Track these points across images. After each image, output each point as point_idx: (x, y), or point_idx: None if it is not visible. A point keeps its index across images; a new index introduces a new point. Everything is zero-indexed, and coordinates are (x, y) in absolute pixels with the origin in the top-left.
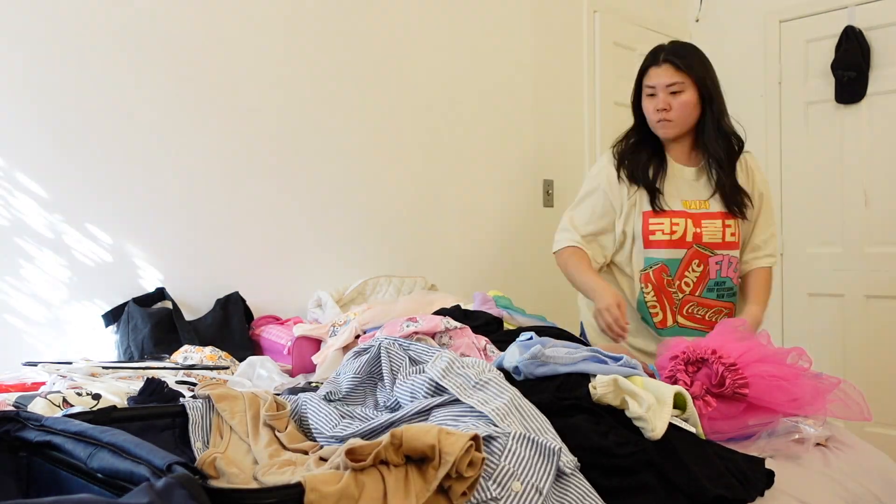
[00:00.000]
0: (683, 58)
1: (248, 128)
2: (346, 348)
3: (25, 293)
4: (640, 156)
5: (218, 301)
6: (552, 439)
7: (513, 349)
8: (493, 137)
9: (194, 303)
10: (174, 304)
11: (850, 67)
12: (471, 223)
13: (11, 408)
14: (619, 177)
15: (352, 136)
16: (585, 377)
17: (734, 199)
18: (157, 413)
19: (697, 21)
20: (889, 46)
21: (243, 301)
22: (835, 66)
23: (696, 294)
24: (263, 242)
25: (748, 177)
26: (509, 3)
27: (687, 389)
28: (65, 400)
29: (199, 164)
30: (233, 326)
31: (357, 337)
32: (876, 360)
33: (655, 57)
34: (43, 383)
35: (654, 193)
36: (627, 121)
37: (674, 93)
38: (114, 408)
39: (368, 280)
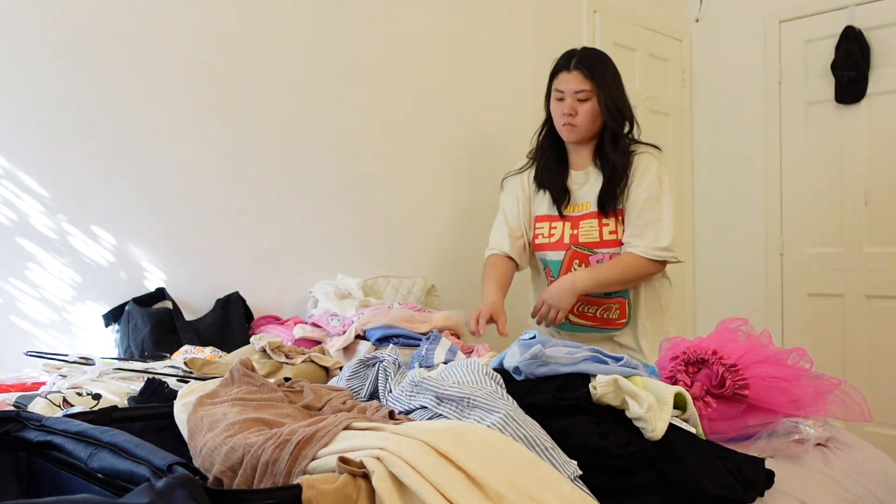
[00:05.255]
0: (593, 67)
1: (249, 128)
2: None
3: (29, 294)
4: (547, 159)
5: (218, 301)
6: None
7: (514, 349)
8: (493, 137)
9: (194, 303)
10: (174, 303)
11: (850, 67)
12: (471, 223)
13: (12, 408)
14: (521, 188)
15: (352, 137)
16: (586, 377)
17: (606, 200)
18: (158, 413)
19: (697, 21)
20: (889, 46)
21: (243, 301)
22: (835, 66)
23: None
24: (263, 242)
25: (636, 178)
26: (510, 4)
27: (687, 390)
28: (65, 400)
29: (200, 165)
30: (233, 326)
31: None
32: (876, 360)
33: (567, 62)
34: (43, 383)
35: (558, 198)
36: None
37: (581, 100)
38: (114, 408)
39: (367, 280)
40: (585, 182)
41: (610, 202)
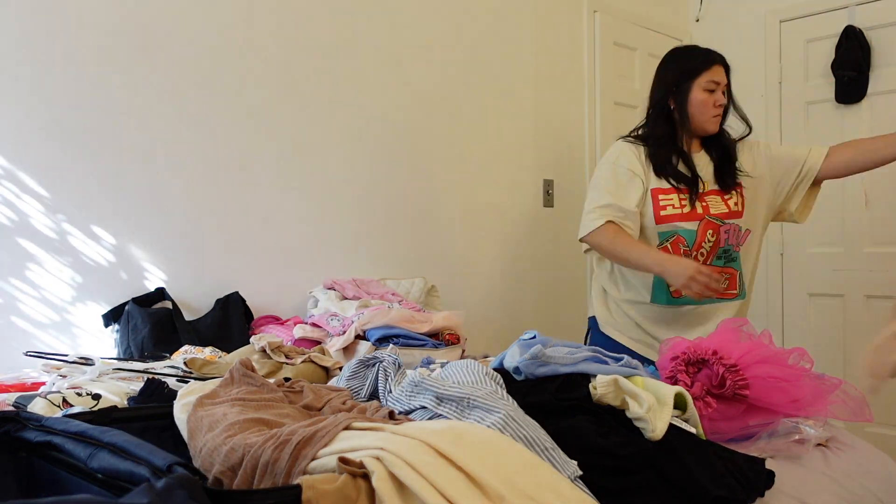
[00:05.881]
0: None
1: (249, 128)
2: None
3: (29, 294)
4: (664, 143)
5: (218, 301)
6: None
7: (514, 349)
8: (493, 137)
9: (194, 303)
10: (174, 303)
11: (851, 67)
12: (471, 223)
13: (11, 408)
14: (639, 158)
15: (352, 136)
16: (586, 377)
17: (727, 177)
18: (158, 413)
19: (697, 21)
20: (889, 46)
21: (243, 301)
22: (835, 66)
23: (707, 263)
24: (263, 242)
25: (752, 155)
26: (509, 3)
27: (687, 390)
28: (65, 400)
29: (200, 165)
30: (233, 326)
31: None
32: None
33: (718, 57)
34: (43, 383)
35: (691, 181)
36: (626, 120)
37: (723, 93)
38: (114, 408)
39: (367, 280)
40: (703, 165)
41: (731, 178)
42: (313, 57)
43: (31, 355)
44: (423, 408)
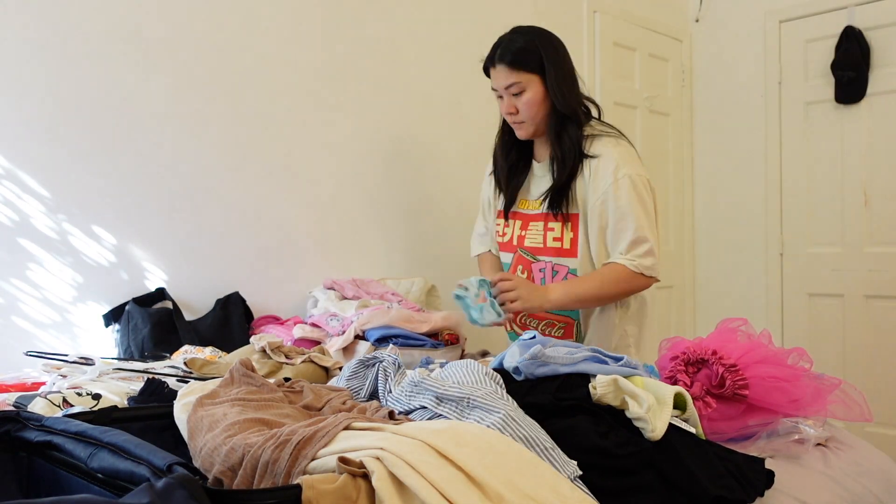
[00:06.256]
0: (518, 55)
1: (249, 129)
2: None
3: (30, 294)
4: (507, 155)
5: (218, 301)
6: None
7: (513, 349)
8: (492, 137)
9: (194, 303)
10: (174, 303)
11: (850, 67)
12: (471, 223)
13: (11, 408)
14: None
15: (352, 136)
16: (586, 377)
17: (554, 201)
18: (158, 413)
19: (697, 21)
20: (889, 46)
21: (243, 301)
22: (835, 66)
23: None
24: (263, 242)
25: (592, 178)
26: (509, 4)
27: (687, 390)
28: (65, 400)
29: (200, 165)
30: (233, 326)
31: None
32: (876, 360)
33: (491, 56)
34: (43, 383)
35: (507, 195)
36: (626, 121)
37: (515, 94)
38: (114, 408)
39: (367, 281)
40: (543, 175)
41: (556, 203)
42: (314, 58)
43: (31, 355)
44: (423, 408)
